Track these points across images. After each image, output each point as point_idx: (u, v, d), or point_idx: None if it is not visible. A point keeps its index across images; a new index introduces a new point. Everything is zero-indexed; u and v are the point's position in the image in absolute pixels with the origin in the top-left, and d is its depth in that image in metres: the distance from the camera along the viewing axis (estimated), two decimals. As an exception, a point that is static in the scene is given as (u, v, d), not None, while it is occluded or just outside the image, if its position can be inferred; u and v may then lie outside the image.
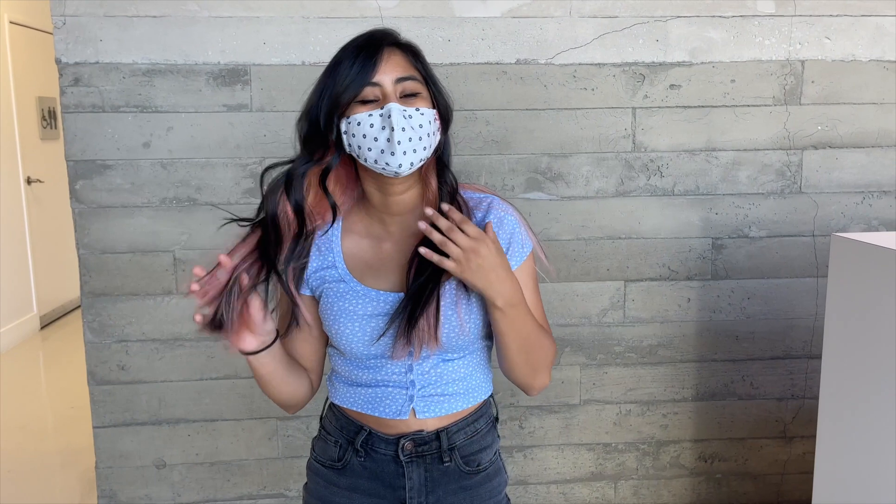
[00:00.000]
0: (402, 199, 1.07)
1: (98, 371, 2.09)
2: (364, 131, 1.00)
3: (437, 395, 1.09)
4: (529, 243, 1.10)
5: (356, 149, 1.01)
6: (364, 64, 1.00)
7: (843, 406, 1.55)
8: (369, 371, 1.09)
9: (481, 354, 1.13)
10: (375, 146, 1.00)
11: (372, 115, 1.00)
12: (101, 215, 2.02)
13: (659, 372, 2.23)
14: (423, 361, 1.07)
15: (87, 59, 1.96)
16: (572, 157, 2.11)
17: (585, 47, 2.06)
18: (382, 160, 1.00)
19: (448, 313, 1.04)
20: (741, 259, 2.19)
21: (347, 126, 1.01)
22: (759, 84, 2.11)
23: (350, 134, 1.01)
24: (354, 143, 1.01)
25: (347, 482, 1.13)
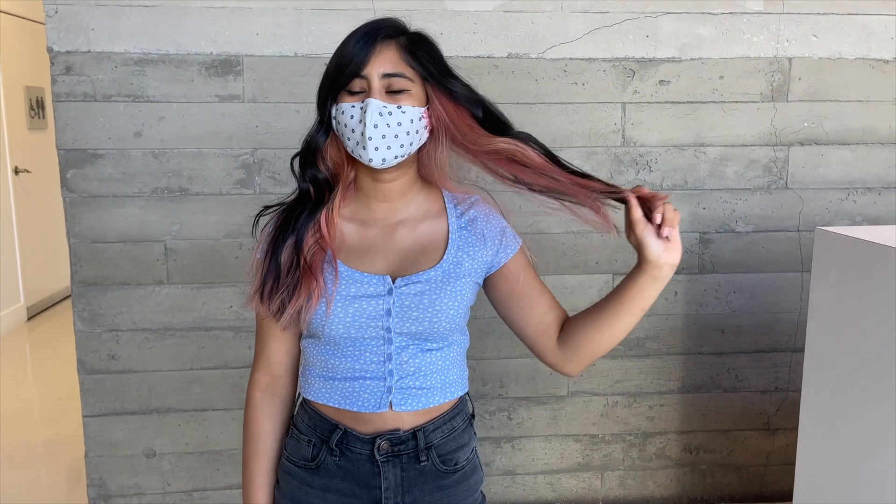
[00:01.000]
0: (391, 186, 1.10)
1: (88, 360, 2.09)
2: (346, 121, 1.04)
3: (415, 388, 1.09)
4: (519, 238, 1.13)
5: (341, 135, 1.06)
6: (357, 54, 1.03)
7: (824, 398, 1.58)
8: (346, 360, 1.08)
9: (458, 349, 1.14)
10: (353, 136, 1.04)
11: (354, 106, 1.03)
12: (92, 205, 2.02)
13: (645, 364, 2.26)
14: (401, 350, 1.07)
15: (79, 47, 1.95)
16: (563, 151, 2.11)
17: (576, 42, 2.08)
18: (357, 151, 1.05)
19: (434, 296, 1.06)
20: (728, 253, 2.22)
21: (335, 112, 1.05)
22: (747, 81, 2.14)
23: (336, 120, 1.05)
24: (339, 129, 1.06)
25: (321, 482, 1.11)
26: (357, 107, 1.02)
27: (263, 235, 1.12)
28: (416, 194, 1.12)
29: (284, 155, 2.05)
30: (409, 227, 1.11)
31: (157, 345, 2.10)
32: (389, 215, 1.11)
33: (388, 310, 1.06)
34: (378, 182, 1.09)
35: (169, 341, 2.10)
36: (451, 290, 1.08)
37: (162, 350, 2.10)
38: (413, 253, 1.09)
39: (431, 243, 1.10)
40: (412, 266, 1.08)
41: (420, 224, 1.11)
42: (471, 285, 1.10)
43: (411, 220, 1.11)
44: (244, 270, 2.09)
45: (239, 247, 2.08)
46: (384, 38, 1.04)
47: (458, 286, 1.08)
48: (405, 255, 1.09)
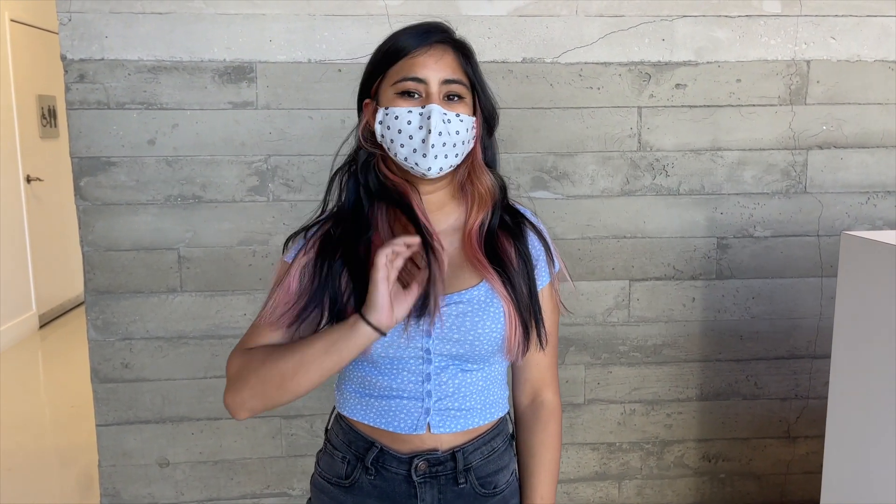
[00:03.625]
0: (430, 198, 1.07)
1: (101, 369, 2.08)
2: (400, 126, 1.00)
3: (455, 409, 1.05)
4: (557, 264, 1.10)
5: (388, 141, 1.02)
6: (414, 56, 1.00)
7: (852, 405, 1.54)
8: (384, 377, 1.04)
9: (499, 368, 1.10)
10: (409, 144, 1.00)
11: (412, 111, 1.00)
12: (105, 213, 2.01)
13: (663, 371, 2.23)
14: (441, 371, 1.03)
15: (93, 55, 1.95)
16: (578, 157, 2.11)
17: (591, 46, 2.06)
18: (413, 159, 1.00)
19: (477, 318, 1.02)
20: (746, 259, 2.19)
21: (384, 117, 1.01)
22: (765, 84, 2.11)
23: (385, 125, 1.01)
24: (388, 135, 1.01)
25: (355, 501, 1.07)
26: (415, 112, 0.99)
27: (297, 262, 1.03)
28: (454, 206, 1.09)
29: (298, 162, 2.04)
30: (447, 241, 1.07)
31: (171, 353, 2.09)
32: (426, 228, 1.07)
33: (428, 331, 1.01)
34: (424, 195, 1.06)
35: (182, 349, 2.09)
36: (494, 311, 1.03)
37: (175, 358, 2.09)
38: (452, 268, 1.05)
39: (468, 263, 1.06)
40: (452, 283, 1.04)
41: (455, 235, 1.08)
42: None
43: (449, 232, 1.08)
44: (258, 278, 2.08)
45: (252, 254, 2.07)
46: (441, 42, 1.02)
47: (501, 306, 1.04)
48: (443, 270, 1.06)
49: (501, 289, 1.03)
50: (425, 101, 1.00)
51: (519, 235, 1.09)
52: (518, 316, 1.04)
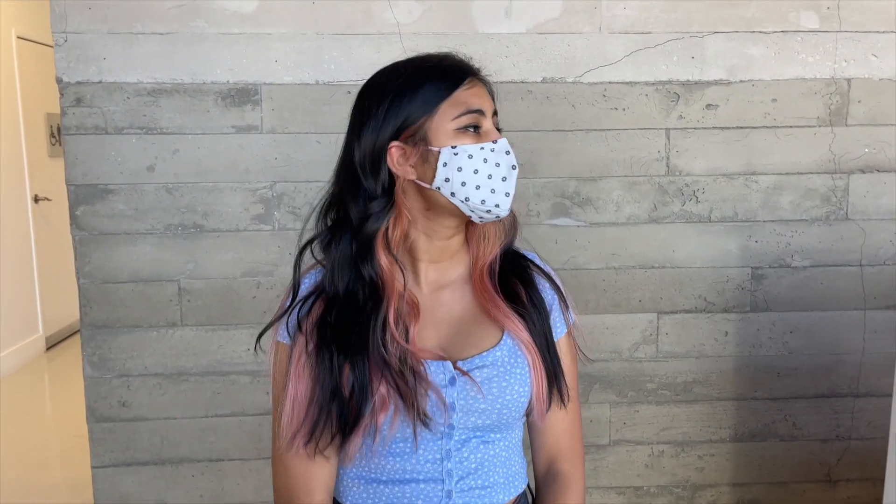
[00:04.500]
0: (450, 243, 0.96)
1: (98, 407, 1.97)
2: (476, 166, 0.89)
3: (478, 488, 0.93)
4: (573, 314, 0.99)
5: (455, 185, 0.89)
6: (469, 87, 0.90)
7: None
8: (396, 459, 0.92)
9: (518, 434, 0.99)
10: (486, 184, 0.89)
11: (483, 147, 0.89)
12: (102, 243, 1.91)
13: (694, 410, 2.09)
14: (461, 445, 0.92)
15: (90, 77, 1.86)
16: (602, 181, 1.99)
17: (616, 65, 1.95)
18: (491, 201, 0.90)
19: (504, 383, 0.91)
20: (783, 290, 2.06)
21: (451, 157, 0.89)
22: (803, 103, 1.99)
23: (454, 167, 0.89)
24: (458, 178, 0.89)
25: None
26: (487, 148, 0.89)
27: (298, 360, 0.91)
28: (464, 252, 0.98)
29: (305, 189, 1.93)
30: (458, 292, 0.96)
31: (170, 390, 1.98)
32: (438, 277, 0.96)
33: (452, 404, 0.90)
34: (439, 240, 0.95)
35: (182, 387, 1.98)
36: (520, 370, 0.93)
37: (175, 396, 1.98)
38: (466, 324, 0.95)
39: (483, 314, 0.95)
40: (470, 342, 0.93)
41: (465, 286, 0.97)
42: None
43: (459, 284, 0.97)
44: (262, 311, 1.97)
45: (257, 286, 1.96)
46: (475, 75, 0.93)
47: (526, 360, 0.93)
48: (457, 327, 0.94)
49: (525, 335, 0.93)
50: (487, 135, 0.90)
51: (528, 281, 0.99)
52: (543, 366, 0.94)
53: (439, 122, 0.89)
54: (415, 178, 0.91)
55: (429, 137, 0.90)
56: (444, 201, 0.91)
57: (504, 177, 0.90)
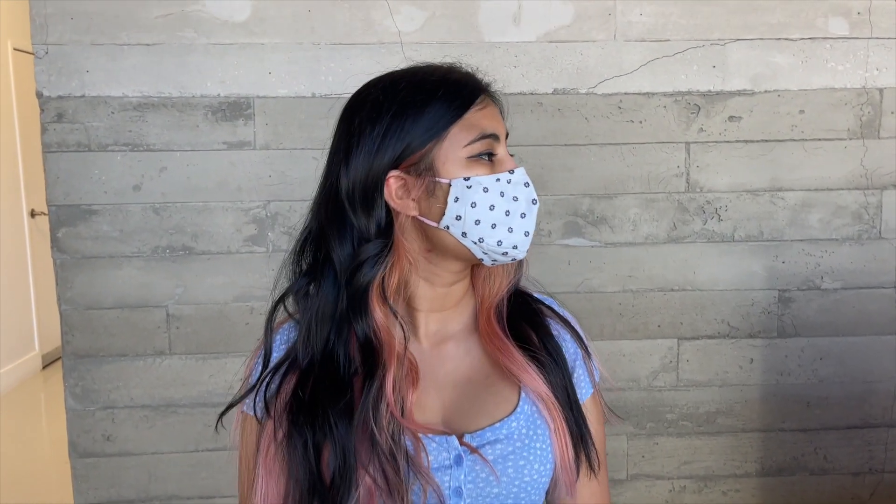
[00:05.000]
0: (456, 290, 0.82)
1: (81, 442, 1.86)
2: (492, 201, 0.76)
3: None
4: (597, 370, 0.86)
5: (468, 224, 0.76)
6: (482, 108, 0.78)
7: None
8: None
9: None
10: (502, 223, 0.76)
11: (500, 178, 0.76)
12: (85, 267, 1.80)
13: (718, 443, 1.96)
14: None
15: (72, 92, 1.75)
16: (617, 199, 1.87)
17: (632, 75, 1.83)
18: (509, 242, 0.77)
19: (522, 461, 0.78)
20: (812, 314, 1.93)
21: (464, 191, 0.75)
22: (832, 115, 1.86)
23: (467, 202, 0.75)
24: (469, 215, 0.75)
25: None
26: (504, 179, 0.77)
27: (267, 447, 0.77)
28: (468, 298, 0.85)
29: (301, 208, 1.81)
30: (463, 345, 0.83)
31: (158, 423, 1.86)
32: (439, 328, 0.83)
33: (458, 489, 0.76)
34: (441, 287, 0.81)
35: (171, 419, 1.86)
36: (541, 441, 0.79)
37: (163, 429, 1.86)
38: (474, 386, 0.81)
39: (495, 370, 0.82)
40: (480, 409, 0.79)
41: (471, 337, 0.83)
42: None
43: (463, 333, 0.83)
44: (256, 338, 1.83)
45: (250, 311, 1.84)
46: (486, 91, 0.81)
47: (547, 427, 0.80)
48: (464, 390, 0.81)
49: (544, 389, 0.79)
50: (502, 164, 0.78)
51: (541, 326, 0.85)
52: (566, 427, 0.80)
53: (449, 148, 0.76)
54: (417, 214, 0.77)
55: (436, 167, 0.76)
56: (451, 242, 0.77)
57: (523, 213, 0.77)
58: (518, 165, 0.79)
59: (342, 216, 0.77)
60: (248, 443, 0.81)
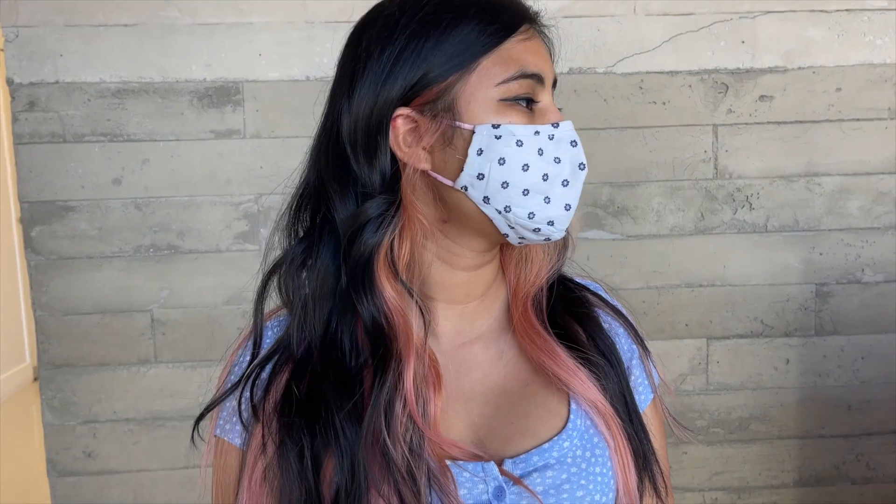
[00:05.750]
0: (479, 276, 0.67)
1: (60, 460, 1.72)
2: (526, 159, 0.60)
3: None
4: (656, 373, 0.71)
5: (492, 186, 0.60)
6: (525, 39, 0.62)
7: None
8: None
9: None
10: (538, 189, 0.60)
11: (540, 132, 0.60)
12: (62, 268, 1.67)
13: (752, 451, 1.83)
14: None
15: (45, 78, 1.62)
16: (640, 187, 1.73)
17: (654, 52, 1.70)
18: (543, 215, 0.61)
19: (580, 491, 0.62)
20: (853, 310, 1.79)
21: (490, 142, 0.59)
22: (871, 93, 1.73)
23: (494, 157, 0.60)
24: (495, 174, 0.60)
25: None
26: (545, 132, 0.61)
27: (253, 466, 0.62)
28: (498, 285, 0.70)
29: (295, 201, 1.67)
30: (495, 346, 0.67)
31: (144, 438, 1.72)
32: (463, 326, 0.67)
33: None
34: (462, 272, 0.66)
35: (158, 433, 1.72)
36: (600, 469, 0.64)
37: (149, 445, 1.73)
38: (511, 398, 0.66)
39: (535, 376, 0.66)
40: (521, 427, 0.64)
41: (504, 336, 0.68)
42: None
43: (493, 332, 0.68)
44: (249, 344, 1.71)
45: (242, 315, 1.70)
46: (536, 24, 0.65)
47: (605, 450, 0.65)
48: (498, 404, 0.65)
49: (599, 398, 0.64)
50: (544, 114, 0.62)
51: (589, 319, 0.70)
52: (628, 445, 0.65)
53: (477, 84, 0.60)
54: (429, 168, 0.62)
55: (457, 107, 0.60)
56: (469, 210, 0.62)
57: (566, 180, 0.61)
58: (565, 119, 0.63)
59: (344, 165, 0.62)
60: (226, 472, 0.66)
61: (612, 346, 0.69)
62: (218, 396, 0.66)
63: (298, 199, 0.66)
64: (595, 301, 0.72)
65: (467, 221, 0.63)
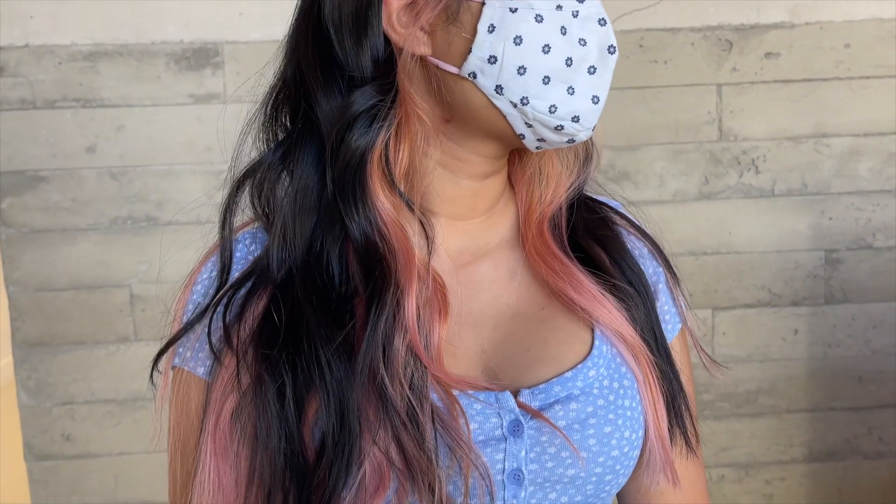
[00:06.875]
0: (486, 187, 0.59)
1: (37, 443, 1.66)
2: (547, 39, 0.52)
3: None
4: (683, 300, 0.66)
5: (507, 72, 0.52)
6: None
7: None
8: None
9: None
10: (560, 76, 0.52)
11: (562, 6, 0.52)
12: (34, 242, 1.61)
13: (760, 426, 1.78)
14: None
15: (14, 41, 1.56)
16: (641, 151, 1.68)
17: (654, 8, 1.64)
18: (567, 109, 0.53)
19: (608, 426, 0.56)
20: (864, 277, 1.74)
21: (503, 17, 0.51)
22: (882, 49, 1.67)
23: (507, 35, 0.52)
24: (510, 56, 0.52)
25: None
26: (569, 8, 0.53)
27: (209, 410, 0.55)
28: (507, 199, 0.62)
29: (280, 169, 1.61)
30: (504, 266, 0.60)
31: (124, 420, 1.67)
32: (469, 243, 0.60)
33: (516, 472, 0.53)
34: (471, 180, 0.58)
35: (139, 414, 1.67)
36: (630, 403, 0.57)
37: (130, 426, 1.68)
38: (524, 322, 0.58)
39: (552, 300, 0.59)
40: (539, 353, 0.57)
41: (514, 255, 0.61)
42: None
43: (501, 249, 0.61)
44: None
45: (225, 290, 1.64)
46: None
47: (633, 384, 0.58)
48: (511, 328, 0.58)
49: (628, 329, 0.57)
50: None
51: (614, 242, 0.63)
52: (658, 383, 0.58)
53: None
54: (429, 53, 0.54)
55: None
56: (479, 103, 0.53)
57: (592, 66, 0.54)
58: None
59: (328, 52, 0.54)
60: (187, 407, 0.58)
61: (640, 272, 0.62)
62: (187, 322, 0.58)
63: (275, 95, 0.59)
64: (619, 220, 0.65)
65: (475, 119, 0.55)
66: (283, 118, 0.58)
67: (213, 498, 0.54)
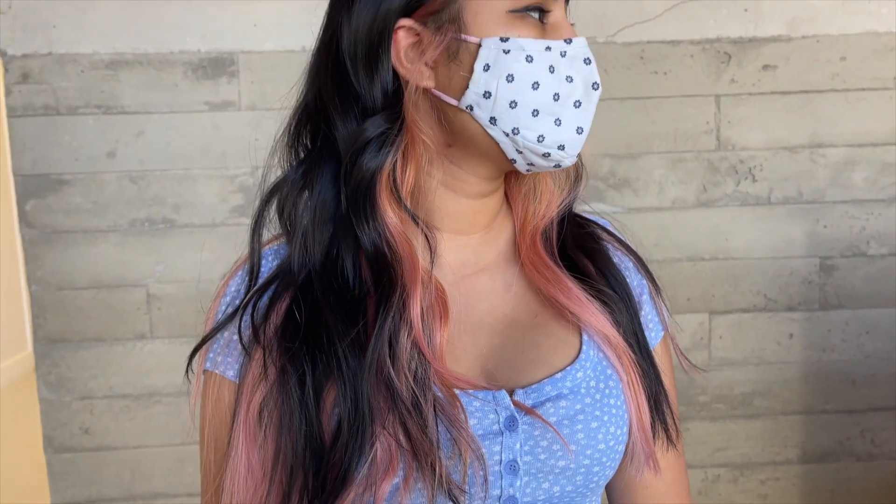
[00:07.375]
0: (486, 205, 0.65)
1: (56, 436, 1.71)
2: (536, 76, 0.58)
3: None
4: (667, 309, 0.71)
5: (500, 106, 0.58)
6: None
7: None
8: None
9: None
10: (548, 110, 0.58)
11: (551, 48, 0.58)
12: (56, 243, 1.65)
13: (755, 427, 1.81)
14: None
15: (38, 49, 1.61)
16: (641, 159, 1.71)
17: (655, 21, 1.67)
18: (553, 139, 0.59)
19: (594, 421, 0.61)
20: (858, 283, 1.77)
21: (498, 57, 0.57)
22: (876, 62, 1.70)
23: (502, 74, 0.57)
24: (503, 93, 0.57)
25: None
26: (557, 49, 0.58)
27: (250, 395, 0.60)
28: (504, 216, 0.68)
29: (292, 174, 1.66)
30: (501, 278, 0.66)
31: (140, 414, 1.71)
32: (468, 257, 0.65)
33: (512, 463, 0.59)
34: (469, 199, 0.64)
35: (155, 410, 1.71)
36: (614, 400, 0.63)
37: (146, 421, 1.71)
38: (520, 328, 0.64)
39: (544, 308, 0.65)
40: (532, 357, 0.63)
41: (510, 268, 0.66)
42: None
43: (498, 264, 0.67)
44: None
45: (239, 290, 1.68)
46: None
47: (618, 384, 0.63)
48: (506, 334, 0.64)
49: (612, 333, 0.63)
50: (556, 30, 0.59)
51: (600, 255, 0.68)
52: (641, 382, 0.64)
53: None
54: (432, 85, 0.60)
55: (464, 19, 0.57)
56: (474, 132, 0.60)
57: (578, 100, 0.59)
58: (578, 36, 0.61)
59: (344, 81, 0.60)
60: (218, 406, 0.63)
61: (623, 280, 0.67)
62: (217, 325, 0.64)
63: (298, 119, 0.64)
64: (605, 236, 0.70)
65: (473, 145, 0.61)
66: (305, 138, 0.64)
67: (244, 478, 0.59)
